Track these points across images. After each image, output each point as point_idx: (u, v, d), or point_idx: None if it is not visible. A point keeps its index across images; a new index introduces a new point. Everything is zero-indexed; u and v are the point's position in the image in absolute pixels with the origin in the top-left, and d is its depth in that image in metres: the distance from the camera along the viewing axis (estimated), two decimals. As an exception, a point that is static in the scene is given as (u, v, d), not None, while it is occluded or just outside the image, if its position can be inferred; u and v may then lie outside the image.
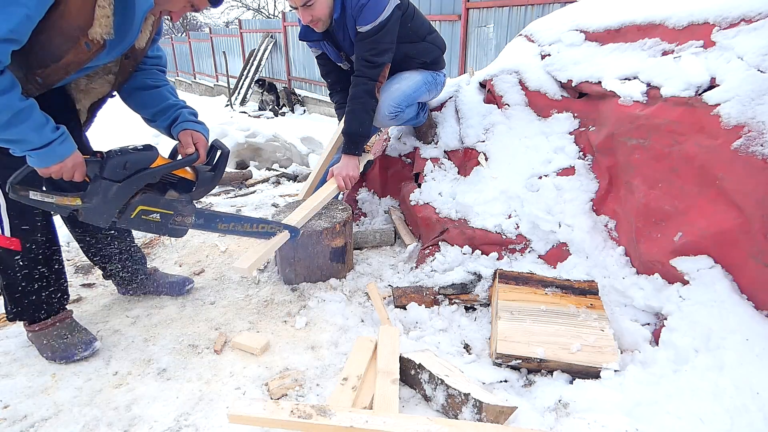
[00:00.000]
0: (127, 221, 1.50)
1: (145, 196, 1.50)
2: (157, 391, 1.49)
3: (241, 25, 13.87)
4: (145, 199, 1.50)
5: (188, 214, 1.63)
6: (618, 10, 2.11)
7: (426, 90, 2.34)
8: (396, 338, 1.57)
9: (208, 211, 1.72)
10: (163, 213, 1.56)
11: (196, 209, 1.65)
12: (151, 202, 1.52)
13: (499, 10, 6.71)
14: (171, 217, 1.58)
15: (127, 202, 1.47)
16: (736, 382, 1.24)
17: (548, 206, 1.97)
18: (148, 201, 1.51)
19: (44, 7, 1.15)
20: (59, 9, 1.18)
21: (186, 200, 1.61)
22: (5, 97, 1.16)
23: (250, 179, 4.03)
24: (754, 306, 1.41)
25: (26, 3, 1.10)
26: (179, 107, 1.66)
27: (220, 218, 1.74)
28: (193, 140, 1.61)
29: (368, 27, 2.01)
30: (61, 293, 1.68)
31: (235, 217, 1.78)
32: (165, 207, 1.55)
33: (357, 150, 2.20)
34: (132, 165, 1.42)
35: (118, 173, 1.41)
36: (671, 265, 1.57)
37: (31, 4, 1.11)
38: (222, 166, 1.69)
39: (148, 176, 1.47)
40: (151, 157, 1.47)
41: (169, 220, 1.58)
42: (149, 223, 1.55)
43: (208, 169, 1.67)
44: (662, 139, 1.64)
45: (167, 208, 1.56)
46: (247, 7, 24.52)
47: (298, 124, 8.73)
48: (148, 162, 1.46)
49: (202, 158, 1.62)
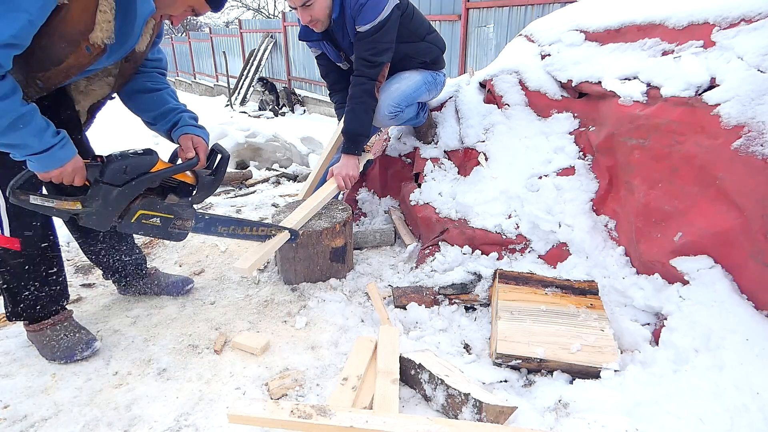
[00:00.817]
0: (127, 225, 1.50)
1: (146, 201, 1.51)
2: (157, 391, 1.49)
3: (241, 25, 13.87)
4: (146, 203, 1.51)
5: (188, 218, 1.63)
6: (618, 10, 2.11)
7: (426, 90, 2.34)
8: (396, 338, 1.57)
9: (209, 215, 1.72)
10: (163, 217, 1.56)
11: (196, 213, 1.65)
12: (152, 207, 1.52)
13: (499, 10, 6.71)
14: (171, 221, 1.58)
15: (128, 206, 1.47)
16: (736, 382, 1.24)
17: (548, 206, 1.97)
18: (149, 205, 1.51)
19: (46, 13, 1.15)
20: (61, 14, 1.18)
21: (186, 204, 1.61)
22: (6, 101, 1.16)
23: (250, 179, 4.03)
24: (754, 306, 1.41)
25: (28, 8, 1.10)
26: (180, 111, 1.66)
27: (220, 222, 1.75)
28: (194, 144, 1.61)
29: (367, 27, 2.01)
30: (61, 293, 1.68)
31: (235, 221, 1.78)
32: (165, 211, 1.56)
33: (357, 150, 2.20)
34: (132, 169, 1.43)
35: (119, 177, 1.41)
36: (671, 265, 1.57)
37: (34, 9, 1.11)
38: (222, 171, 1.69)
39: (149, 180, 1.47)
40: (151, 161, 1.47)
41: (169, 224, 1.59)
42: (149, 228, 1.55)
43: (209, 173, 1.67)
44: (662, 139, 1.64)
45: (167, 212, 1.56)
46: (247, 7, 24.53)
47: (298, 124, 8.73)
48: (149, 166, 1.47)
49: (202, 162, 1.62)
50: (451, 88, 2.67)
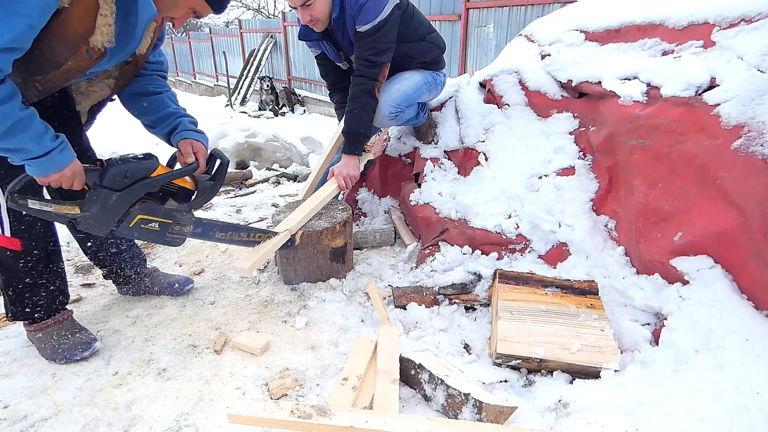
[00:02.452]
0: (125, 230, 1.49)
1: (145, 206, 1.50)
2: (157, 391, 1.49)
3: (241, 25, 13.88)
4: (145, 208, 1.50)
5: (187, 224, 1.63)
6: (618, 10, 2.11)
7: (426, 90, 2.34)
8: (396, 338, 1.57)
9: (206, 220, 1.73)
10: (162, 222, 1.55)
11: (194, 219, 1.65)
12: (151, 212, 1.52)
13: (499, 10, 6.71)
14: (170, 226, 1.58)
15: (126, 211, 1.46)
16: (736, 382, 1.24)
17: (548, 206, 1.97)
18: (148, 210, 1.51)
19: (47, 17, 1.14)
20: (61, 17, 1.18)
21: (185, 209, 1.61)
22: (5, 106, 1.15)
23: (250, 179, 4.03)
24: (754, 306, 1.41)
25: (29, 13, 1.10)
26: (179, 115, 1.66)
27: (218, 227, 1.75)
28: (193, 149, 1.61)
29: (368, 26, 2.01)
30: (61, 293, 1.68)
31: (232, 227, 1.78)
32: (164, 216, 1.55)
33: (357, 149, 2.20)
34: (132, 174, 1.42)
35: (118, 182, 1.40)
36: (671, 265, 1.57)
37: (34, 13, 1.11)
38: (222, 176, 1.69)
39: (148, 185, 1.47)
40: (151, 166, 1.47)
41: (167, 230, 1.58)
42: (148, 233, 1.54)
43: (208, 178, 1.67)
44: (662, 139, 1.64)
45: (166, 217, 1.56)
46: (247, 7, 24.52)
47: (298, 124, 8.73)
48: (148, 171, 1.46)
49: (201, 167, 1.63)
50: (451, 88, 2.67)
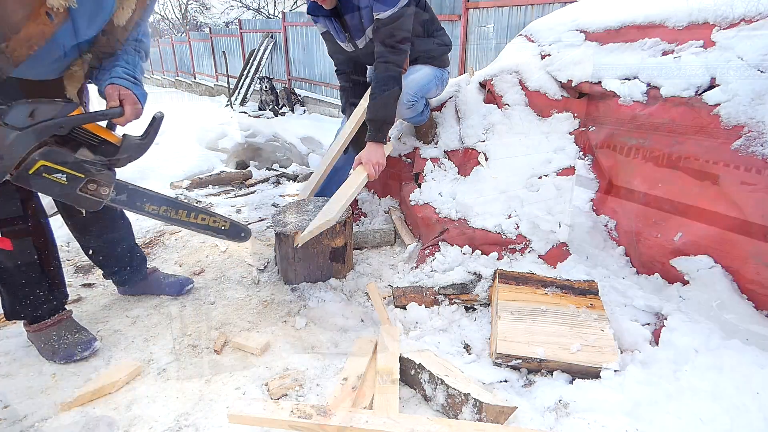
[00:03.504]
0: (23, 178, 1.30)
1: (49, 150, 1.31)
2: (157, 391, 1.49)
3: (241, 25, 13.86)
4: (49, 153, 1.31)
5: (105, 184, 1.44)
6: (618, 10, 2.11)
7: (435, 84, 2.37)
8: (396, 338, 1.57)
9: (133, 186, 1.53)
10: (71, 175, 1.36)
11: (116, 180, 1.47)
12: (56, 158, 1.32)
13: (499, 10, 6.71)
14: (81, 181, 1.39)
15: (27, 155, 1.28)
16: (736, 382, 1.24)
17: (548, 206, 1.97)
18: (53, 156, 1.32)
19: None
20: None
21: (102, 164, 1.42)
22: None
23: (250, 179, 4.03)
24: (754, 306, 1.41)
25: None
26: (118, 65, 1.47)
27: (149, 198, 1.55)
28: (120, 96, 1.42)
29: (387, 13, 2.02)
30: (60, 293, 1.68)
31: (170, 201, 1.60)
32: (74, 168, 1.36)
33: (382, 137, 2.15)
34: (40, 113, 1.26)
35: (21, 120, 1.24)
36: (671, 265, 1.57)
37: None
38: (153, 133, 1.48)
39: (55, 127, 1.29)
40: (65, 109, 1.30)
41: (78, 185, 1.39)
42: (52, 185, 1.35)
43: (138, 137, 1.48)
44: (662, 139, 1.64)
45: (77, 169, 1.37)
46: (247, 7, 24.51)
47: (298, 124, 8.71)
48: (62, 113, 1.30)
49: (127, 115, 1.43)
50: (451, 88, 2.67)
